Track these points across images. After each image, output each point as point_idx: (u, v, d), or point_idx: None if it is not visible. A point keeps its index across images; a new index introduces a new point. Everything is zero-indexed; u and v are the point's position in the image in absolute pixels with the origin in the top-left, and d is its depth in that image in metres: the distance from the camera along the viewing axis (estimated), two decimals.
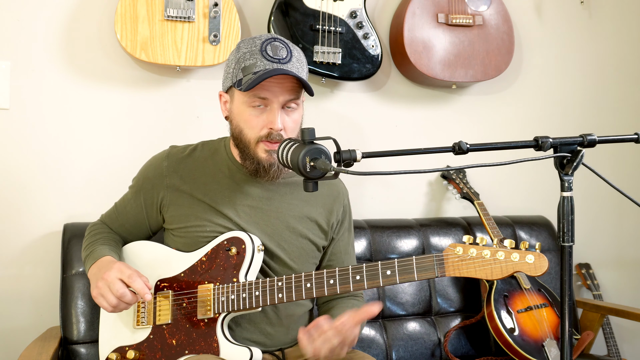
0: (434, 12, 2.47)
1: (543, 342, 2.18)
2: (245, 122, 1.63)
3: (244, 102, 1.62)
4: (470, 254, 1.45)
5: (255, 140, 1.63)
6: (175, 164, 1.74)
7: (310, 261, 1.77)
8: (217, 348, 1.60)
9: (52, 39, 2.21)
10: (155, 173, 1.75)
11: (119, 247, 1.78)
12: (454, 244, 1.47)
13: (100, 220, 1.86)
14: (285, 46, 1.62)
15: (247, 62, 1.59)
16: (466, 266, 1.45)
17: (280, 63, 1.58)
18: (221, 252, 1.65)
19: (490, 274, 1.43)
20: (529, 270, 1.40)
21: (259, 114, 1.61)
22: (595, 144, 1.31)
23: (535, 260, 1.40)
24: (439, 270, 1.47)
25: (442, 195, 2.68)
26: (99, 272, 1.60)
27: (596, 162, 2.75)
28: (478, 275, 1.44)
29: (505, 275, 1.42)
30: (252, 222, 1.70)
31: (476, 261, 1.44)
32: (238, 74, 1.61)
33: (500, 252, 1.42)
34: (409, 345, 2.26)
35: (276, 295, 1.58)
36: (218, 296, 1.61)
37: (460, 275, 1.46)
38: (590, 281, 2.72)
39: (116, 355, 1.68)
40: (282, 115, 1.61)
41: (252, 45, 1.61)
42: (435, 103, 2.66)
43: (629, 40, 2.94)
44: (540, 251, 1.40)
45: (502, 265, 1.42)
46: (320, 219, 1.77)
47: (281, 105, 1.61)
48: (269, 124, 1.60)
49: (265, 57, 1.58)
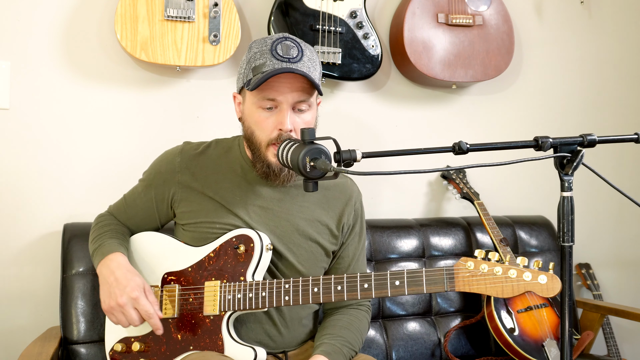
0: (434, 12, 2.47)
1: (543, 342, 2.18)
2: (256, 124, 1.62)
3: (254, 103, 1.61)
4: (481, 270, 1.43)
5: (266, 143, 1.61)
6: (188, 160, 1.74)
7: (318, 265, 1.76)
8: (221, 346, 1.60)
9: (52, 39, 2.21)
10: (167, 168, 1.74)
11: (126, 239, 1.77)
12: (465, 258, 1.45)
13: (109, 211, 1.85)
14: (297, 45, 1.59)
15: (258, 61, 1.58)
16: (477, 282, 1.43)
17: (290, 62, 1.56)
18: (229, 249, 1.65)
19: (502, 292, 1.41)
20: (540, 291, 1.38)
21: (269, 116, 1.60)
22: (595, 144, 1.32)
23: (548, 281, 1.39)
24: (449, 285, 1.46)
25: (442, 195, 2.68)
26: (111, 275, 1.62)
27: (596, 162, 2.76)
28: (488, 292, 1.42)
29: (516, 294, 1.41)
30: (262, 222, 1.69)
31: (487, 278, 1.43)
32: (249, 74, 1.60)
33: (513, 270, 1.41)
34: (409, 345, 2.26)
35: (283, 298, 1.57)
36: (224, 294, 1.61)
37: (470, 291, 1.44)
38: (590, 281, 2.72)
39: (121, 346, 1.69)
40: (292, 116, 1.59)
41: (263, 45, 1.60)
42: (435, 103, 2.66)
43: (629, 40, 2.95)
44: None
45: (513, 285, 1.41)
46: (331, 223, 1.76)
47: (291, 105, 1.59)
48: (279, 125, 1.58)
49: (275, 56, 1.56)
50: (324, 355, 1.59)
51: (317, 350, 1.62)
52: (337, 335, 1.68)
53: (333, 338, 1.67)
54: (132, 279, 1.59)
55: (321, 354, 1.59)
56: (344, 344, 1.66)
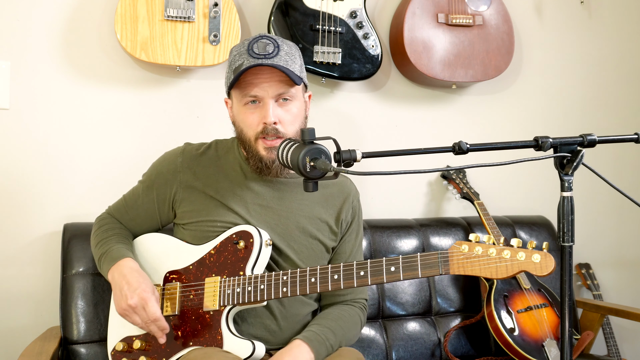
0: (434, 12, 2.47)
1: (543, 342, 2.18)
2: (243, 121, 1.68)
3: (239, 102, 1.67)
4: (475, 252, 1.43)
5: (254, 137, 1.66)
6: (190, 160, 1.76)
7: (319, 262, 1.78)
8: (220, 341, 1.61)
9: (52, 39, 2.21)
10: (169, 168, 1.77)
11: (131, 243, 1.80)
12: (460, 241, 1.45)
13: (108, 213, 1.87)
14: (273, 42, 1.64)
15: (237, 63, 1.64)
16: (471, 264, 1.43)
17: (265, 58, 1.61)
18: (229, 245, 1.67)
19: (496, 273, 1.40)
20: (534, 270, 1.37)
21: (253, 111, 1.66)
22: (595, 144, 1.32)
23: (542, 259, 1.37)
24: (443, 268, 1.46)
25: (442, 195, 2.68)
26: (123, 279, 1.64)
27: (596, 162, 2.75)
28: (483, 273, 1.42)
29: (510, 274, 1.40)
30: (262, 220, 1.71)
31: (481, 259, 1.42)
32: (230, 76, 1.67)
33: (507, 250, 1.40)
34: (409, 345, 2.26)
35: (281, 289, 1.58)
36: (224, 289, 1.63)
37: (465, 274, 1.44)
38: (590, 281, 2.72)
39: (123, 345, 1.70)
40: (276, 109, 1.64)
41: (241, 47, 1.66)
42: (435, 103, 2.66)
43: (629, 40, 2.94)
44: (547, 251, 1.38)
45: (507, 264, 1.40)
46: (330, 220, 1.78)
47: (272, 99, 1.64)
48: (263, 119, 1.64)
49: (252, 54, 1.62)
50: (304, 341, 1.61)
51: (299, 336, 1.64)
52: (322, 325, 1.69)
53: (318, 327, 1.68)
54: (142, 282, 1.63)
55: (301, 339, 1.61)
56: (327, 333, 1.66)
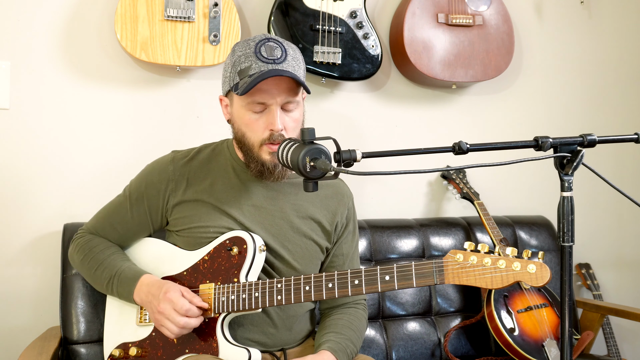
0: (434, 12, 2.47)
1: (543, 342, 2.18)
2: (247, 126, 1.64)
3: (243, 106, 1.63)
4: (470, 262, 1.42)
5: (258, 143, 1.63)
6: (181, 168, 1.74)
7: (314, 262, 1.78)
8: (216, 348, 1.60)
9: (52, 39, 2.21)
10: (160, 178, 1.74)
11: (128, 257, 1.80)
12: (455, 250, 1.45)
13: (88, 231, 1.83)
14: (280, 46, 1.61)
15: (243, 65, 1.59)
16: (466, 274, 1.43)
17: (275, 63, 1.58)
18: (223, 251, 1.65)
19: (491, 283, 1.40)
20: (530, 280, 1.37)
21: (259, 117, 1.62)
22: (595, 144, 1.32)
23: (537, 270, 1.37)
24: (438, 278, 1.45)
25: (442, 195, 2.68)
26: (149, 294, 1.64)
27: (596, 162, 2.76)
28: (478, 283, 1.41)
29: (505, 284, 1.39)
30: (256, 221, 1.70)
31: (477, 269, 1.42)
32: (235, 77, 1.61)
33: (502, 260, 1.40)
34: (409, 345, 2.26)
35: (275, 298, 1.57)
36: (218, 296, 1.62)
37: (460, 283, 1.44)
38: (590, 281, 2.72)
39: (119, 352, 1.70)
40: (281, 116, 1.61)
41: (246, 48, 1.61)
42: (435, 103, 2.66)
43: (629, 40, 2.94)
44: (541, 251, 1.38)
45: (502, 275, 1.39)
46: (323, 220, 1.77)
47: (280, 105, 1.61)
48: (270, 126, 1.60)
49: (260, 58, 1.58)
50: (331, 352, 1.61)
51: (323, 346, 1.63)
52: (340, 334, 1.69)
53: (337, 336, 1.68)
54: (162, 286, 1.62)
55: (328, 350, 1.61)
56: (347, 343, 1.67)
